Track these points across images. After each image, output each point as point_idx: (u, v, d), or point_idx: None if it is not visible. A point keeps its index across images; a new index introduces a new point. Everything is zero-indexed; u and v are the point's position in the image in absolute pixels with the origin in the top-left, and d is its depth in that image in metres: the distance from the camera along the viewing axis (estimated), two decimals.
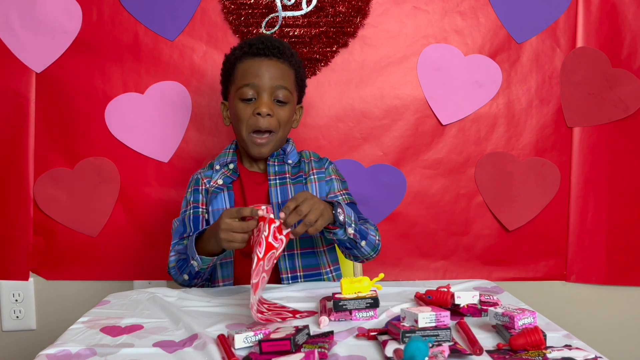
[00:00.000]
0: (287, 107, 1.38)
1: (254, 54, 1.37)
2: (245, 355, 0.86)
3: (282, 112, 1.37)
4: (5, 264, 1.82)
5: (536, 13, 1.77)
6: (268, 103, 1.34)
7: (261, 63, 1.36)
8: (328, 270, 1.41)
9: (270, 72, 1.35)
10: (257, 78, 1.35)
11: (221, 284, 1.37)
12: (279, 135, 1.38)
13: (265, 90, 1.35)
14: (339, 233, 1.23)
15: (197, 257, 1.21)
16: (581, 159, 1.82)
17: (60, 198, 1.79)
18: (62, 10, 1.73)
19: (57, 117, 1.78)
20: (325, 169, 1.44)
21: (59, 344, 0.92)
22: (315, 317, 1.04)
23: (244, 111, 1.36)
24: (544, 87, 1.79)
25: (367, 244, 1.30)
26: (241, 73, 1.37)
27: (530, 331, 0.86)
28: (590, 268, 1.85)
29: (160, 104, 1.78)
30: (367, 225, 1.33)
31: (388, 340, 0.87)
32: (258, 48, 1.36)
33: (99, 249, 1.82)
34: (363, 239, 1.29)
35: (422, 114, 1.80)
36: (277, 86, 1.35)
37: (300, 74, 1.44)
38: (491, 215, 1.83)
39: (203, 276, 1.29)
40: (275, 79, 1.35)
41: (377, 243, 1.34)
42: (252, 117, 1.35)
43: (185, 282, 1.30)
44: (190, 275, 1.27)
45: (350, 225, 1.23)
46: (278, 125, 1.37)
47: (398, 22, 1.78)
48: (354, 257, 1.35)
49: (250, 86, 1.35)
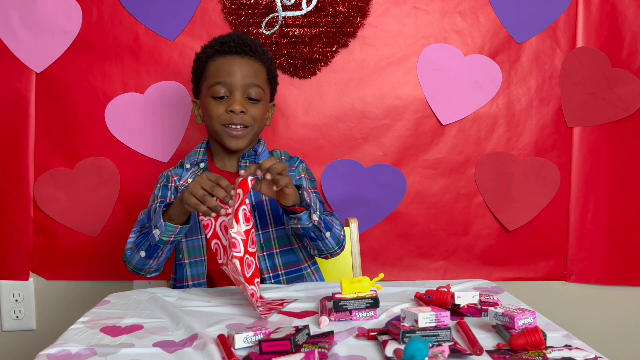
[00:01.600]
0: (259, 104, 1.38)
1: (226, 52, 1.37)
2: (245, 355, 0.86)
3: (254, 110, 1.37)
4: (5, 264, 1.82)
5: (536, 13, 1.77)
6: (241, 101, 1.35)
7: (233, 61, 1.36)
8: (307, 265, 1.41)
9: (242, 70, 1.35)
10: (229, 76, 1.35)
11: (190, 284, 1.36)
12: (254, 129, 1.38)
13: (237, 88, 1.35)
14: (304, 218, 1.21)
15: (161, 223, 1.19)
16: (581, 159, 1.82)
17: (60, 198, 1.79)
18: (62, 10, 1.73)
19: (57, 117, 1.78)
20: (296, 167, 1.44)
21: (59, 344, 0.92)
22: (315, 317, 1.04)
23: (216, 108, 1.35)
24: (544, 87, 1.79)
25: (331, 236, 1.29)
26: (213, 71, 1.37)
27: (530, 331, 0.86)
28: (590, 268, 1.85)
29: (160, 104, 1.78)
30: (332, 218, 1.33)
31: (388, 340, 0.87)
32: (230, 46, 1.36)
33: (99, 249, 1.82)
34: (328, 230, 1.28)
35: (422, 114, 1.80)
36: (250, 84, 1.35)
37: (272, 71, 1.44)
38: (491, 215, 1.83)
39: (160, 255, 1.26)
40: (247, 76, 1.35)
41: (342, 238, 1.34)
42: (224, 114, 1.35)
43: (140, 263, 1.28)
44: (148, 251, 1.25)
45: (315, 211, 1.22)
46: (252, 121, 1.36)
47: (398, 22, 1.78)
48: (319, 252, 1.34)
49: (222, 84, 1.35)
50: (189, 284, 1.36)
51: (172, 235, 1.21)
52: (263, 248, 1.36)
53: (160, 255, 1.27)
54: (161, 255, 1.27)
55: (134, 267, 1.30)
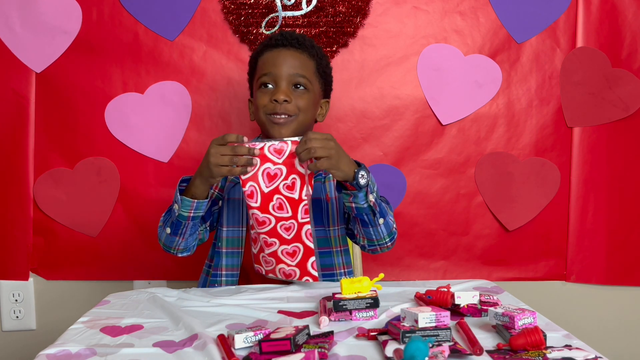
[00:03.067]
0: (306, 94, 1.37)
1: (273, 45, 1.39)
2: (245, 355, 0.86)
3: (300, 100, 1.36)
4: (5, 264, 1.82)
5: (536, 13, 1.77)
6: (285, 90, 1.34)
7: (279, 53, 1.37)
8: (342, 272, 1.41)
9: (287, 61, 1.36)
10: (274, 67, 1.36)
11: (224, 273, 1.37)
12: (299, 118, 1.36)
13: (282, 78, 1.35)
14: (360, 196, 1.19)
15: (178, 198, 1.21)
16: (581, 159, 1.82)
17: (60, 198, 1.79)
18: (62, 10, 1.73)
19: (57, 117, 1.78)
20: None
21: (59, 344, 0.92)
22: (315, 317, 1.04)
23: (262, 98, 1.36)
24: (544, 87, 1.79)
25: (384, 224, 1.27)
26: (261, 64, 1.39)
27: (530, 331, 0.86)
28: (590, 268, 1.85)
29: (160, 104, 1.78)
30: (388, 207, 1.31)
31: (388, 340, 0.87)
32: (277, 40, 1.39)
33: (99, 249, 1.82)
34: (382, 216, 1.26)
35: (422, 114, 1.80)
36: (295, 74, 1.36)
37: (322, 65, 1.42)
38: (491, 215, 1.83)
39: (184, 232, 1.27)
40: (292, 67, 1.36)
41: (394, 230, 1.32)
42: (269, 103, 1.35)
43: (168, 240, 1.29)
44: (172, 228, 1.26)
45: (372, 192, 1.21)
46: (297, 110, 1.35)
47: (398, 22, 1.78)
48: (369, 242, 1.31)
49: (269, 75, 1.36)
50: (223, 273, 1.38)
51: (191, 210, 1.22)
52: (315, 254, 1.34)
53: (185, 232, 1.27)
54: (185, 232, 1.27)
55: (164, 244, 1.32)
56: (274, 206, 1.18)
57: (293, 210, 1.17)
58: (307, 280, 1.20)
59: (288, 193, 1.17)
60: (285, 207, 1.18)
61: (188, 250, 1.34)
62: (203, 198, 1.23)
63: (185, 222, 1.25)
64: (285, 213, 1.18)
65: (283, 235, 1.19)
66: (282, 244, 1.20)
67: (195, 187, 1.21)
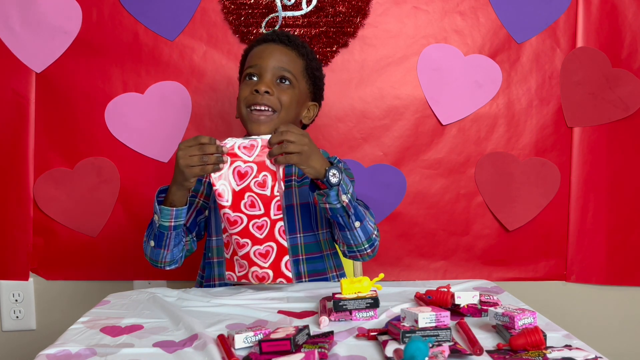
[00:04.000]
0: (290, 90, 1.32)
1: (263, 40, 1.37)
2: (245, 355, 0.86)
3: (283, 95, 1.31)
4: (5, 264, 1.82)
5: (536, 13, 1.77)
6: (268, 82, 1.30)
7: (267, 46, 1.35)
8: (334, 274, 1.39)
9: (274, 55, 1.33)
10: (260, 59, 1.32)
11: (217, 283, 1.36)
12: (281, 115, 1.31)
13: (267, 70, 1.31)
14: (332, 195, 1.15)
15: (157, 209, 1.20)
16: (581, 159, 1.82)
17: (60, 198, 1.79)
18: (62, 10, 1.73)
19: (57, 117, 1.78)
20: None
21: (59, 344, 0.92)
22: (315, 317, 1.04)
23: (244, 90, 1.32)
24: (544, 87, 1.79)
25: (361, 228, 1.23)
26: (249, 59, 1.36)
27: (530, 331, 0.86)
28: (590, 268, 1.85)
29: (160, 104, 1.78)
30: (367, 213, 1.27)
31: (388, 340, 0.87)
32: (267, 35, 1.37)
33: (99, 249, 1.82)
34: (358, 220, 1.22)
35: (422, 114, 1.80)
36: (280, 68, 1.32)
37: (312, 67, 1.38)
38: (491, 215, 1.83)
39: (168, 244, 1.24)
40: (278, 61, 1.32)
41: (373, 237, 1.28)
42: (249, 95, 1.30)
43: (153, 254, 1.27)
44: (155, 240, 1.24)
45: (345, 192, 1.17)
46: (279, 105, 1.30)
47: (398, 22, 1.78)
48: (348, 248, 1.28)
49: (254, 67, 1.32)
50: (216, 284, 1.36)
51: (172, 218, 1.20)
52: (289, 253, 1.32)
53: (169, 243, 1.25)
54: (169, 243, 1.25)
55: (150, 258, 1.30)
56: (246, 204, 1.17)
57: (265, 207, 1.17)
58: (281, 282, 1.19)
59: (259, 190, 1.16)
60: (257, 204, 1.17)
61: (175, 262, 1.31)
62: (182, 205, 1.21)
63: (167, 232, 1.22)
64: (257, 210, 1.17)
65: (255, 235, 1.17)
66: (255, 244, 1.18)
67: (172, 194, 1.20)
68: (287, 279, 1.18)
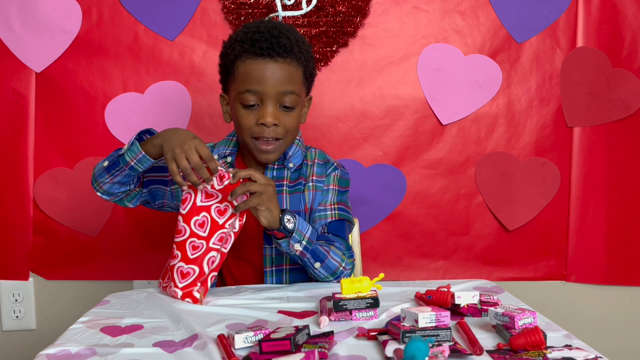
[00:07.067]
0: (294, 112, 1.27)
1: (257, 54, 1.22)
2: (245, 355, 0.86)
3: (288, 119, 1.26)
4: (5, 264, 1.82)
5: (536, 13, 1.77)
6: (273, 112, 1.23)
7: (265, 66, 1.22)
8: None
9: (275, 76, 1.22)
10: (260, 84, 1.22)
11: None
12: (287, 140, 1.29)
13: (270, 97, 1.23)
14: (283, 245, 1.16)
15: (133, 140, 1.15)
16: (581, 159, 1.82)
17: (60, 198, 1.79)
18: (62, 10, 1.73)
19: (57, 117, 1.78)
20: (327, 176, 1.35)
21: (59, 344, 0.92)
22: (315, 317, 1.04)
23: (246, 119, 1.25)
24: (544, 87, 1.79)
25: (322, 267, 1.22)
26: (243, 75, 1.24)
27: (530, 331, 0.86)
28: (590, 268, 1.85)
29: (160, 104, 1.78)
30: (330, 249, 1.22)
31: (388, 340, 0.87)
32: (262, 47, 1.22)
33: (99, 249, 1.82)
34: (318, 261, 1.20)
35: (422, 114, 1.80)
36: (283, 92, 1.23)
37: (310, 67, 1.30)
38: (491, 215, 1.83)
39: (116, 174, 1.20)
40: (281, 83, 1.23)
41: (338, 270, 1.24)
42: (255, 126, 1.24)
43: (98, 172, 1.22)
44: (110, 163, 1.19)
45: (297, 241, 1.15)
46: (285, 133, 1.26)
47: (398, 22, 1.78)
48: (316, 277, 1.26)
49: (253, 92, 1.23)
50: None
51: (135, 158, 1.16)
52: (273, 262, 1.31)
53: (117, 174, 1.20)
54: (117, 175, 1.20)
55: (94, 174, 1.25)
56: (197, 221, 1.16)
57: (210, 232, 1.16)
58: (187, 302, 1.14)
59: (215, 216, 1.16)
60: (205, 226, 1.16)
61: (108, 195, 1.26)
62: (153, 157, 1.16)
63: (123, 166, 1.18)
64: (202, 232, 1.16)
65: (187, 252, 1.16)
66: (182, 260, 1.16)
67: (152, 145, 1.15)
68: (194, 300, 1.14)
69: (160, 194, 1.33)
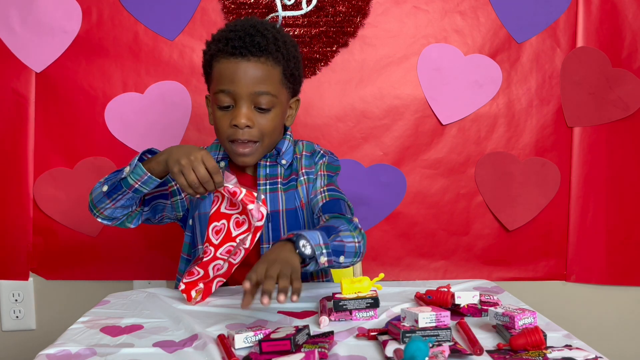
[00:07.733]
0: (270, 113, 1.22)
1: (230, 53, 1.19)
2: (245, 355, 0.86)
3: (264, 121, 1.21)
4: (5, 264, 1.82)
5: (536, 13, 1.77)
6: (246, 113, 1.20)
7: (237, 65, 1.18)
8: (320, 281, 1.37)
9: (248, 75, 1.18)
10: (232, 84, 1.19)
11: None
12: (265, 143, 1.24)
13: (242, 97, 1.19)
14: (310, 268, 1.05)
15: (135, 162, 1.10)
16: (581, 159, 1.82)
17: (60, 198, 1.79)
18: (62, 10, 1.73)
19: (57, 117, 1.78)
20: (315, 164, 1.32)
21: (59, 344, 0.92)
22: (315, 317, 1.04)
23: (221, 120, 1.22)
24: (544, 87, 1.79)
25: (346, 257, 1.12)
26: (217, 75, 1.22)
27: (530, 331, 0.86)
28: (590, 268, 1.85)
29: (160, 104, 1.78)
30: (339, 235, 1.13)
31: (388, 340, 0.87)
32: (234, 46, 1.18)
33: (99, 249, 1.82)
34: (340, 254, 1.11)
35: (422, 114, 1.80)
36: (257, 92, 1.19)
37: (290, 67, 1.24)
38: (491, 215, 1.83)
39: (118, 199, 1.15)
40: (254, 83, 1.19)
41: (357, 249, 1.15)
42: (229, 128, 1.21)
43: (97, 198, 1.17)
44: (110, 187, 1.14)
45: (322, 254, 1.05)
46: (261, 136, 1.22)
47: (398, 22, 1.78)
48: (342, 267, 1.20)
49: (226, 93, 1.20)
50: None
51: (139, 180, 1.11)
52: None
53: (119, 199, 1.15)
54: (120, 199, 1.15)
55: (92, 200, 1.20)
56: (215, 227, 1.13)
57: (222, 242, 1.14)
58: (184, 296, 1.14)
59: (232, 227, 1.13)
60: (220, 234, 1.14)
61: (110, 220, 1.22)
62: (158, 177, 1.12)
63: (126, 189, 1.13)
64: (215, 239, 1.14)
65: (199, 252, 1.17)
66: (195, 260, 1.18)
67: (157, 163, 1.11)
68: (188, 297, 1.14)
69: (161, 207, 1.30)
